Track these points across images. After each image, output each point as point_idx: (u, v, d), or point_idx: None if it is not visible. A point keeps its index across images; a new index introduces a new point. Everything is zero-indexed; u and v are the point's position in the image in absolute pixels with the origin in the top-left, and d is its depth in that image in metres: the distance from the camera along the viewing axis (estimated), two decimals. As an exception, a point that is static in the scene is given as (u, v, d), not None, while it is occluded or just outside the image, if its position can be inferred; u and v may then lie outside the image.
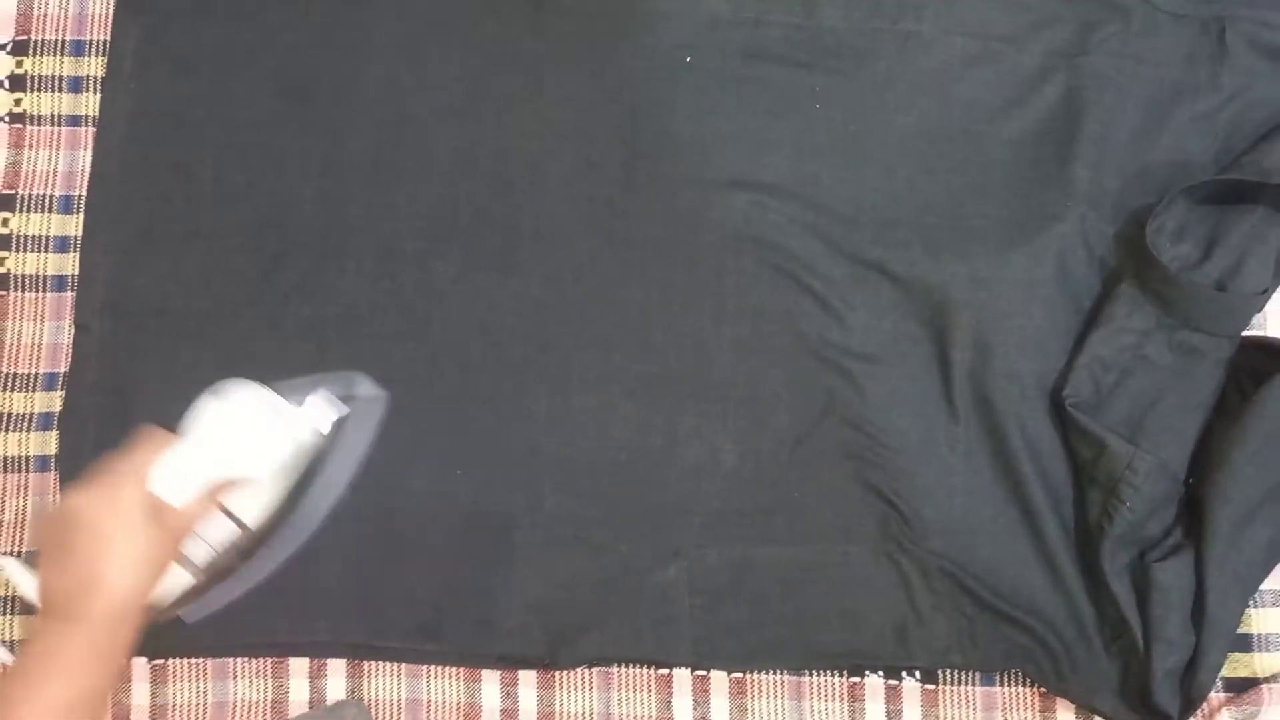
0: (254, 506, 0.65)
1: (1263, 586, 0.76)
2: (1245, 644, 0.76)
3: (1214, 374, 0.75)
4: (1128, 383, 0.76)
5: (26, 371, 0.78)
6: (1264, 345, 0.75)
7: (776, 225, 0.79)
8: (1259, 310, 0.78)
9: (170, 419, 0.64)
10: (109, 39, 0.81)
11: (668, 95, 0.81)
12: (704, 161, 0.80)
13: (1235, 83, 0.81)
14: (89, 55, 0.81)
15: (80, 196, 0.79)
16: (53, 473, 0.77)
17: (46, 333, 0.78)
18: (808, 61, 0.81)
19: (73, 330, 0.78)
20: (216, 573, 0.67)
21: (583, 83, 0.81)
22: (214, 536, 0.65)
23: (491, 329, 0.78)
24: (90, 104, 0.81)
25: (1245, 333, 0.77)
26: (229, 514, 0.65)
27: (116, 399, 0.77)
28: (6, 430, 0.77)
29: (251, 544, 0.68)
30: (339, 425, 0.68)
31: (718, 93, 0.81)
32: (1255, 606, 0.76)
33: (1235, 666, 0.75)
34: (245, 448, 0.63)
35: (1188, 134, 0.80)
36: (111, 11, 0.81)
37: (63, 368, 0.78)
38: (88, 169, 0.80)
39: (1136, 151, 0.80)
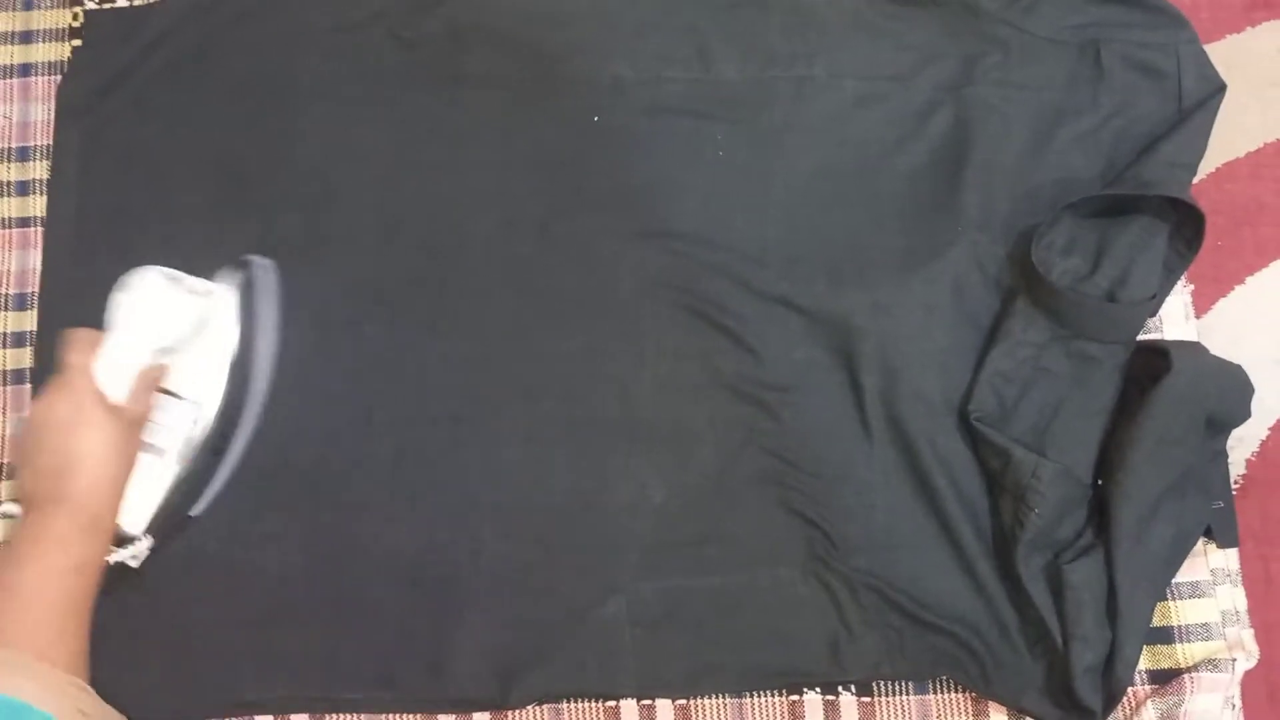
0: (195, 381, 0.73)
1: (1180, 579, 0.79)
2: (1167, 636, 0.78)
3: (1111, 379, 0.79)
4: (1030, 393, 0.79)
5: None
6: (1157, 348, 0.78)
7: (688, 269, 0.83)
8: (1150, 316, 0.81)
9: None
10: (52, 143, 0.86)
11: (579, 155, 0.85)
12: (616, 214, 0.84)
13: (1114, 101, 0.85)
14: (34, 160, 0.86)
15: (33, 294, 0.84)
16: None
17: (7, 424, 0.82)
18: (708, 113, 0.86)
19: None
20: (196, 455, 0.74)
21: (499, 149, 0.86)
22: (172, 419, 0.71)
23: (422, 387, 0.82)
24: (38, 205, 0.85)
25: (1141, 336, 0.81)
26: (174, 394, 0.71)
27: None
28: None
29: (216, 420, 0.75)
30: (246, 292, 0.76)
31: (626, 148, 0.85)
32: (1174, 599, 0.79)
33: (1159, 659, 0.78)
34: (162, 324, 0.70)
35: (1072, 153, 0.84)
36: (53, 118, 0.86)
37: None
38: (39, 266, 0.85)
39: (1024, 174, 0.84)
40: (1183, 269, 0.82)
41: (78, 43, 0.88)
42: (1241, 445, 0.82)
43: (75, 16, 0.88)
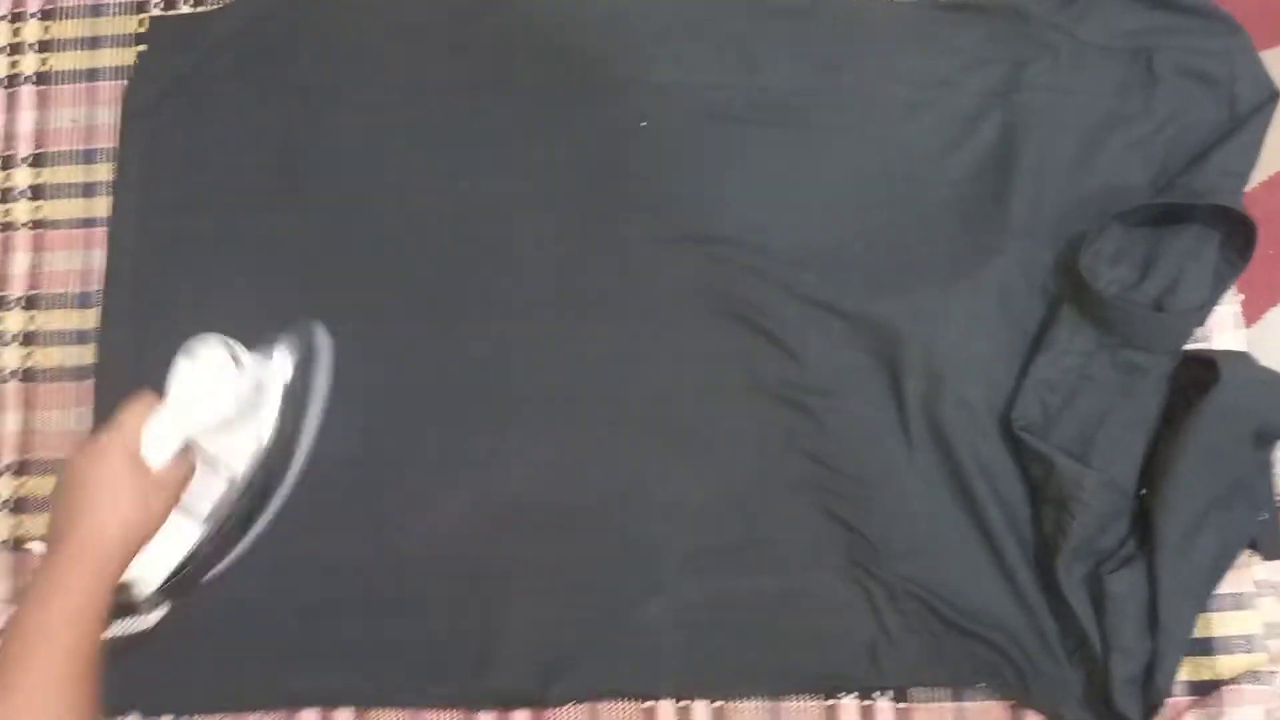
0: (238, 454, 0.73)
1: (1221, 590, 0.78)
2: (1207, 647, 0.78)
3: (1157, 389, 0.78)
4: (1075, 402, 0.79)
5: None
6: (1204, 359, 0.77)
7: (729, 274, 0.84)
8: (1198, 325, 0.80)
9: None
10: (117, 146, 0.89)
11: (624, 159, 0.87)
12: (659, 218, 0.85)
13: (1167, 108, 0.84)
14: (99, 162, 0.89)
15: (96, 292, 0.87)
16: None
17: (72, 418, 0.86)
18: (754, 119, 0.87)
19: (93, 420, 0.85)
20: (227, 521, 0.74)
21: (543, 153, 0.87)
22: (208, 488, 0.72)
23: (464, 388, 0.83)
24: (102, 206, 0.88)
25: (1188, 346, 0.80)
26: (215, 464, 0.72)
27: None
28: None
29: (249, 489, 0.75)
30: (300, 370, 0.76)
31: (671, 154, 0.86)
32: (1215, 610, 0.78)
33: (1199, 670, 0.78)
34: (217, 402, 0.71)
35: (1123, 161, 0.84)
36: (118, 121, 0.89)
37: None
38: (102, 266, 0.87)
39: (1073, 181, 0.83)
40: (1233, 278, 0.81)
41: (143, 48, 0.91)
42: (1290, 457, 0.81)
43: (141, 23, 0.91)
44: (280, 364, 0.75)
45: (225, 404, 0.71)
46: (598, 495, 0.82)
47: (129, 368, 0.85)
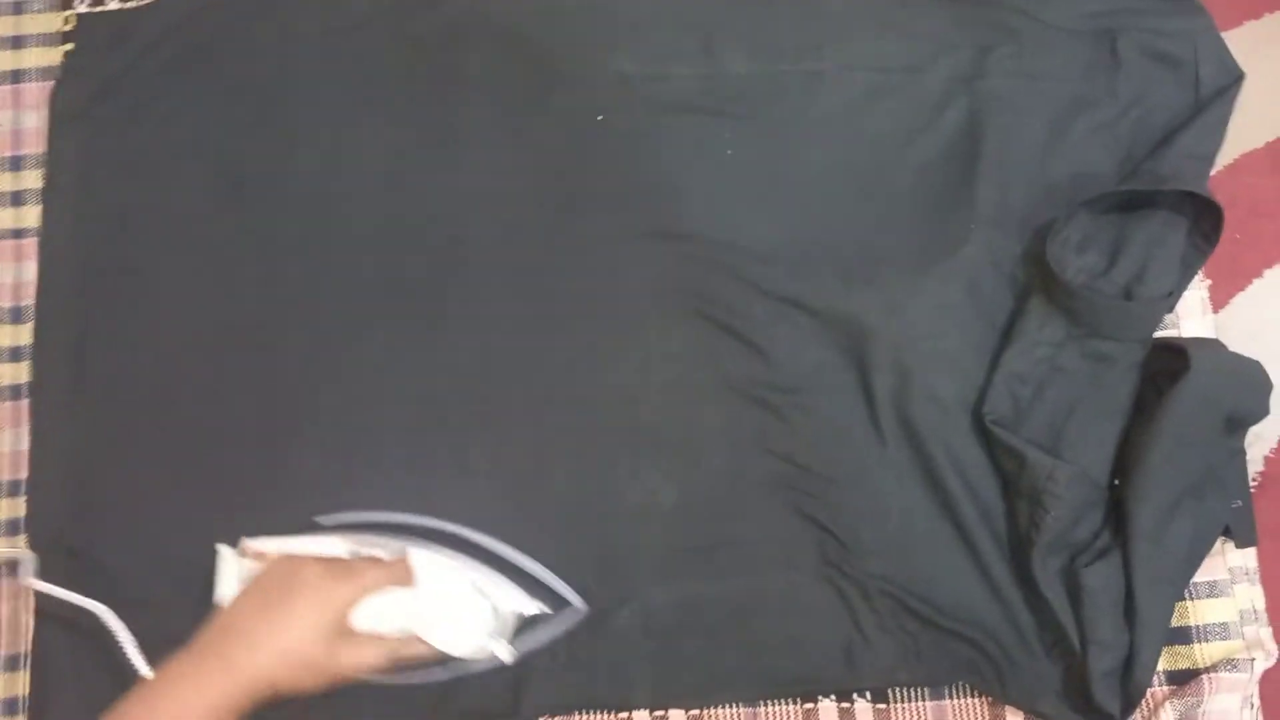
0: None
1: (1197, 579, 0.78)
2: (1184, 636, 0.78)
3: (1128, 378, 0.78)
4: (1045, 393, 0.78)
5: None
6: (1174, 346, 0.77)
7: (695, 270, 0.81)
8: (1166, 313, 0.80)
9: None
10: (46, 151, 0.84)
11: (582, 154, 0.84)
12: (621, 215, 0.83)
13: (1132, 91, 0.83)
14: (26, 169, 0.85)
15: (28, 306, 0.83)
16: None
17: (5, 441, 0.81)
18: (715, 109, 0.84)
19: (30, 438, 0.81)
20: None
21: (501, 150, 0.84)
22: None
23: (426, 393, 0.80)
24: (32, 215, 0.84)
25: (1159, 332, 0.80)
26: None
27: (79, 485, 0.80)
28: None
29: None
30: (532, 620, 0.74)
31: (630, 147, 0.84)
32: (1191, 599, 0.78)
33: (1177, 659, 0.77)
34: (443, 623, 0.69)
35: (1089, 145, 0.83)
36: (46, 125, 0.85)
37: (23, 474, 0.81)
38: (35, 279, 0.83)
39: (1040, 167, 0.82)
40: (1200, 263, 0.80)
41: (70, 47, 0.86)
42: (1260, 442, 0.81)
43: (66, 20, 0.87)
44: (517, 612, 0.73)
45: (451, 647, 0.69)
46: (567, 500, 0.80)
47: (66, 385, 0.81)
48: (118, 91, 0.84)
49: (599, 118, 0.84)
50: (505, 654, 0.72)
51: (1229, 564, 0.78)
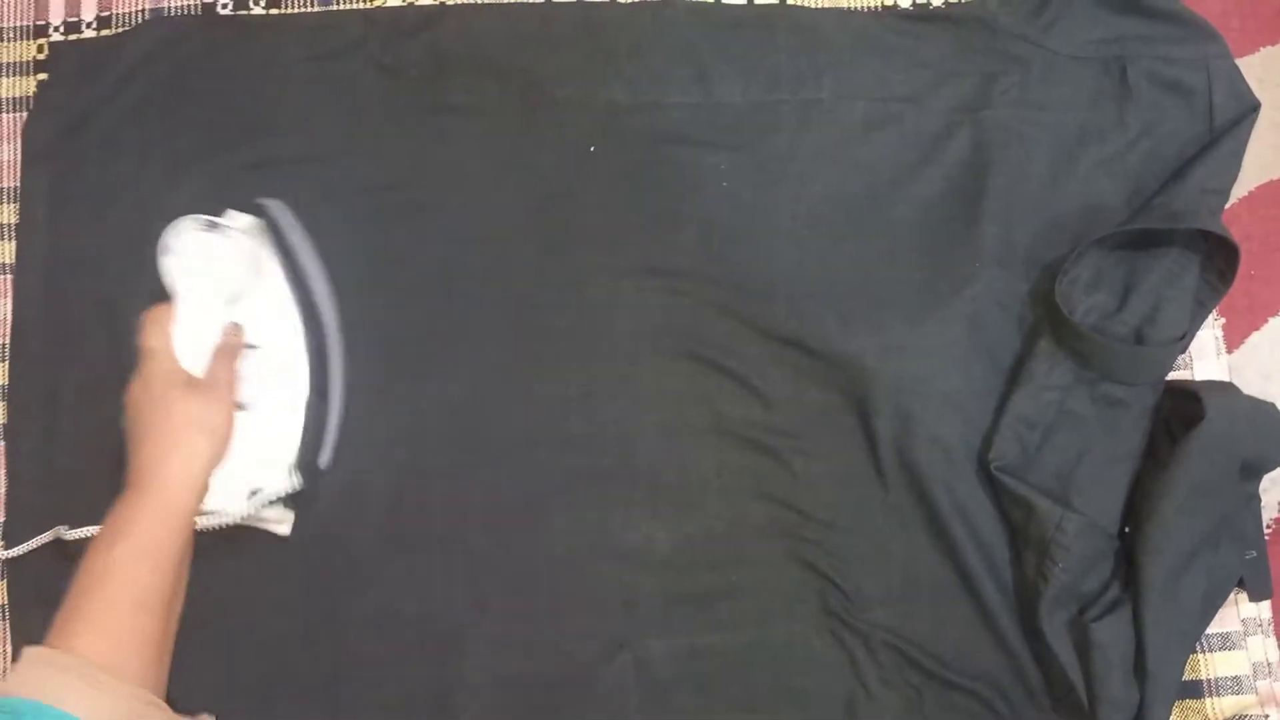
0: (265, 324, 0.72)
1: (1210, 630, 0.75)
2: (1196, 690, 0.75)
3: (1139, 423, 0.75)
4: (1054, 438, 0.75)
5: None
6: (1188, 391, 0.74)
7: (689, 308, 0.79)
8: (1178, 355, 0.77)
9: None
10: (19, 185, 0.82)
11: (573, 187, 0.81)
12: (613, 250, 0.80)
13: (1141, 121, 0.80)
14: (2, 203, 0.82)
15: (4, 345, 0.80)
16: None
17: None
18: (710, 140, 0.81)
19: (6, 480, 0.79)
20: (308, 400, 0.74)
21: (488, 183, 0.81)
22: (251, 370, 0.71)
23: (415, 436, 0.78)
24: (6, 251, 0.81)
25: (1171, 375, 0.77)
26: (248, 345, 0.72)
27: (54, 546, 0.77)
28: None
29: (309, 358, 0.74)
30: (272, 231, 0.74)
31: (623, 180, 0.81)
32: (1203, 651, 0.76)
33: (1188, 714, 0.75)
34: (219, 276, 0.69)
35: (1098, 177, 0.80)
36: (19, 158, 0.82)
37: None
38: (9, 316, 0.80)
39: (1047, 202, 0.79)
40: (1215, 302, 0.77)
41: (44, 77, 0.83)
42: (1275, 487, 0.78)
43: (40, 49, 0.84)
44: (249, 223, 0.72)
45: (229, 270, 0.69)
46: (561, 545, 0.77)
47: (40, 425, 0.78)
48: (91, 125, 0.81)
49: (590, 149, 0.81)
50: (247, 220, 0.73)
51: (1242, 615, 0.76)
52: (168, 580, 0.62)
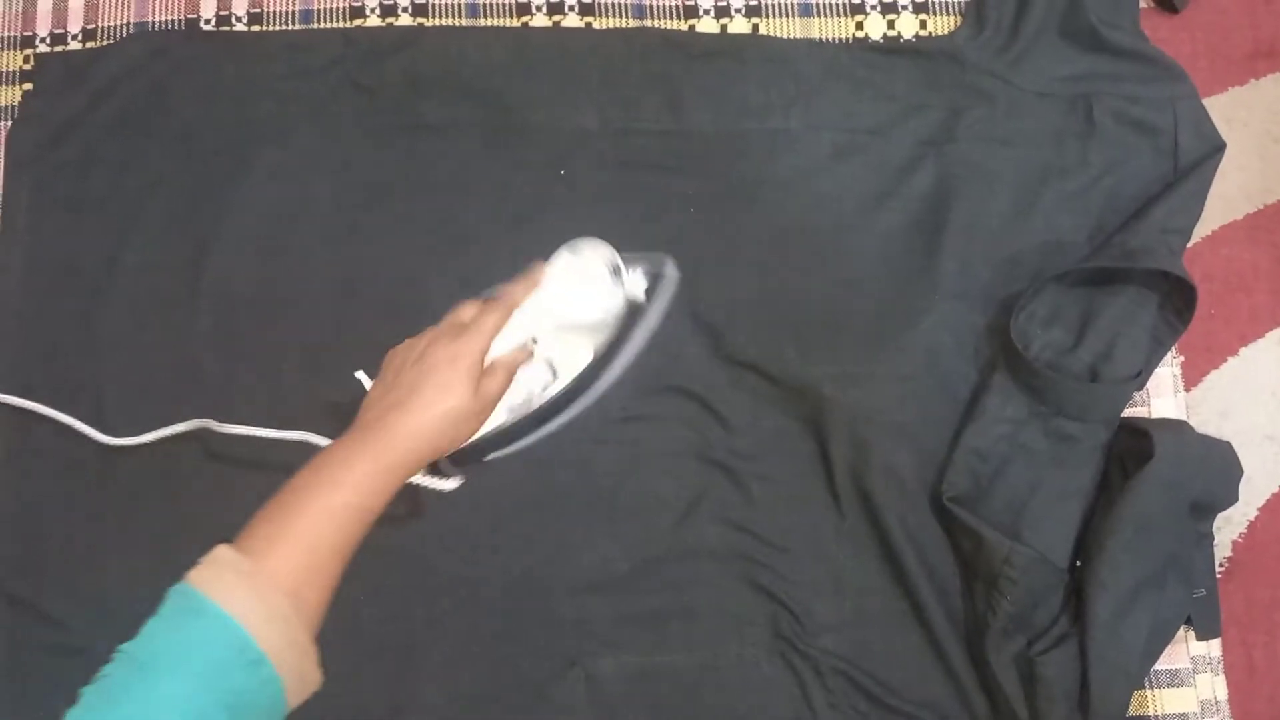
0: (566, 354, 0.72)
1: (1158, 666, 0.76)
2: (1144, 726, 0.76)
3: (1091, 459, 0.76)
4: (1006, 472, 0.76)
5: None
6: (1140, 429, 0.74)
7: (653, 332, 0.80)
8: (1134, 393, 0.77)
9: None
10: (0, 192, 0.83)
11: (542, 209, 0.82)
12: (579, 274, 0.81)
13: (1105, 159, 0.81)
14: (-17, 211, 0.83)
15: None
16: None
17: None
18: (678, 166, 0.82)
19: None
20: (525, 417, 0.73)
21: (459, 203, 0.82)
22: (527, 376, 0.71)
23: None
24: (-13, 258, 0.83)
25: (1126, 411, 0.77)
26: (543, 361, 0.72)
27: (24, 533, 0.79)
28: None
29: (561, 396, 0.74)
30: (647, 296, 0.75)
31: (592, 203, 0.82)
32: (1152, 688, 0.76)
33: (1134, 750, 0.75)
34: (581, 309, 0.71)
35: (1059, 214, 0.81)
36: (1, 165, 0.84)
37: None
38: (-13, 322, 0.82)
39: (1008, 237, 0.80)
40: (1172, 340, 0.78)
41: (28, 86, 0.85)
42: (1228, 526, 0.79)
43: (27, 60, 0.85)
44: (637, 285, 0.73)
45: (592, 312, 0.71)
46: (519, 564, 0.78)
47: (12, 433, 0.80)
48: (72, 135, 0.83)
49: (561, 171, 0.82)
50: (640, 293, 0.73)
51: (1191, 652, 0.76)
52: (366, 528, 0.61)
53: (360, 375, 0.73)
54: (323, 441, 0.73)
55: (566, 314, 0.70)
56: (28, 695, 0.76)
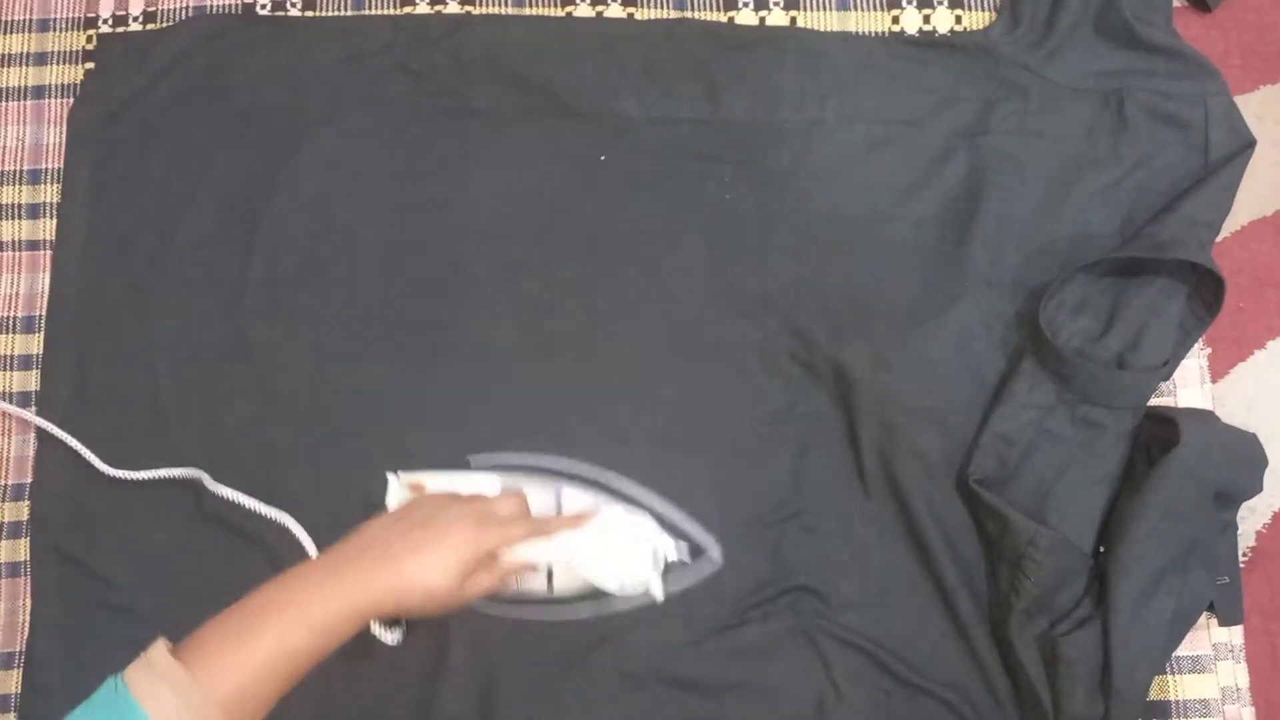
0: (573, 589, 0.74)
1: (1180, 653, 0.77)
2: (1164, 711, 0.77)
3: (1117, 446, 0.77)
4: (1033, 457, 0.77)
5: (-3, 483, 0.83)
6: (1167, 417, 0.75)
7: (690, 314, 0.82)
8: (1161, 381, 0.79)
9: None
10: (63, 166, 0.87)
11: (583, 193, 0.84)
12: (621, 256, 0.83)
13: (1136, 153, 0.82)
14: (45, 183, 0.87)
15: (40, 317, 0.85)
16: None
17: (13, 446, 0.83)
18: (715, 154, 0.84)
19: (36, 443, 0.83)
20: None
21: (503, 185, 0.85)
22: (524, 580, 0.73)
23: (422, 425, 0.81)
24: (48, 229, 0.86)
25: (1155, 398, 0.78)
26: (548, 579, 0.74)
27: (78, 492, 0.81)
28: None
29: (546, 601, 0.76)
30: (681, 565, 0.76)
31: (631, 189, 0.84)
32: (1173, 673, 0.77)
33: (1153, 735, 0.76)
34: (613, 570, 0.71)
35: (1090, 207, 0.82)
36: (64, 141, 0.87)
37: (28, 479, 0.83)
38: (47, 289, 0.85)
39: (1038, 228, 0.82)
40: (1200, 331, 0.79)
41: (90, 66, 0.88)
42: (1253, 516, 0.79)
43: (89, 40, 0.89)
44: (669, 555, 0.74)
45: (611, 583, 0.72)
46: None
47: (70, 396, 0.83)
48: (131, 113, 0.86)
49: (601, 157, 0.85)
50: (659, 593, 0.73)
51: (1213, 639, 0.77)
52: (314, 661, 0.60)
53: (390, 477, 0.75)
54: (297, 529, 0.74)
55: (587, 570, 0.71)
56: (78, 648, 0.79)
